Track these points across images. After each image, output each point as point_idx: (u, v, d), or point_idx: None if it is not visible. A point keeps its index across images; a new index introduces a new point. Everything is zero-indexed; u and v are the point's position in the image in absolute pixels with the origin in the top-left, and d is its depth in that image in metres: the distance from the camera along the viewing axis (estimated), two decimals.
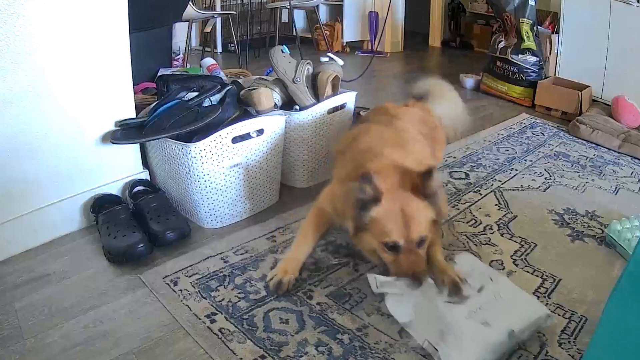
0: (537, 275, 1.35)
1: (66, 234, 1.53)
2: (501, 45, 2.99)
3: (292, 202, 1.76)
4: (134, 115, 1.61)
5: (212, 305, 1.23)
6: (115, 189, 1.62)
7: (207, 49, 4.14)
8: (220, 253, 1.44)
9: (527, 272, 1.36)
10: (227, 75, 2.29)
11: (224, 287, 1.30)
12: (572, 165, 2.07)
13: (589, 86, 2.68)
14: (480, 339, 1.00)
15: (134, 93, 1.66)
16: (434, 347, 1.03)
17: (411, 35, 4.72)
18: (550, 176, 1.96)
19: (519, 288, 1.16)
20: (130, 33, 1.53)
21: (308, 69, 1.82)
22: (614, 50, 2.65)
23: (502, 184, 1.89)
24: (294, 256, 1.30)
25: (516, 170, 2.01)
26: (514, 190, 1.84)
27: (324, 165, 1.89)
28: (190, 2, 2.89)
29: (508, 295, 1.12)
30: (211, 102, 1.65)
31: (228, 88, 1.67)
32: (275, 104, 1.77)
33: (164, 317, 1.20)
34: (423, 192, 1.10)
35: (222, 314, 1.20)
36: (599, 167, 2.07)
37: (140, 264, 1.38)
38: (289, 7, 4.04)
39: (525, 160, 2.12)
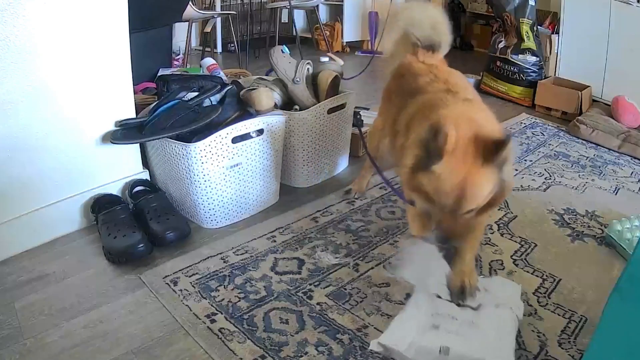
0: (537, 275, 1.35)
1: (66, 234, 1.53)
2: (501, 45, 2.99)
3: (292, 202, 1.76)
4: (134, 115, 1.61)
5: (212, 305, 1.23)
6: (115, 189, 1.62)
7: (207, 49, 4.14)
8: (220, 253, 1.44)
9: (527, 272, 1.36)
10: (227, 75, 2.29)
11: (224, 287, 1.30)
12: (572, 165, 2.07)
13: (589, 86, 2.68)
14: (415, 333, 1.05)
15: (134, 93, 1.66)
16: None
17: None
18: (550, 176, 1.96)
19: (509, 329, 1.09)
20: (130, 33, 1.53)
21: (308, 69, 1.82)
22: (614, 50, 2.65)
23: None
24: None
25: (516, 170, 2.01)
26: (514, 190, 1.84)
27: (324, 165, 1.89)
28: (190, 2, 2.89)
29: (489, 328, 1.07)
30: (211, 102, 1.65)
31: (228, 88, 1.67)
32: (275, 104, 1.77)
33: (164, 317, 1.20)
34: (493, 160, 0.97)
35: (222, 314, 1.20)
36: (599, 167, 2.07)
37: (140, 264, 1.38)
38: (289, 7, 4.04)
39: (525, 160, 2.12)
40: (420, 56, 1.49)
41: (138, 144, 1.65)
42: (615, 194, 1.84)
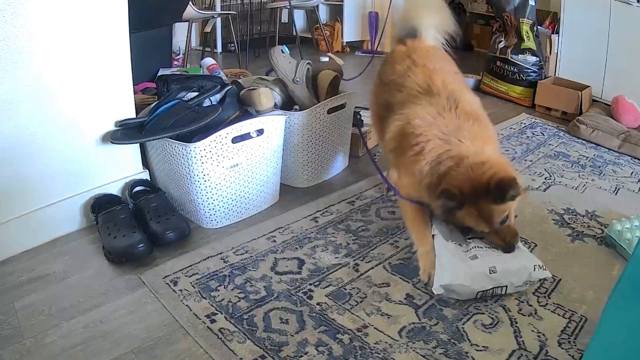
0: None
1: (66, 234, 1.53)
2: (501, 45, 2.99)
3: (292, 202, 1.76)
4: (134, 115, 1.61)
5: (212, 305, 1.23)
6: (115, 189, 1.62)
7: (207, 49, 4.14)
8: (220, 253, 1.44)
9: None
10: (227, 75, 2.29)
11: (224, 287, 1.30)
12: (572, 165, 2.07)
13: (589, 86, 2.68)
14: (463, 266, 1.20)
15: (134, 93, 1.66)
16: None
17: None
18: (550, 176, 1.96)
19: (526, 253, 1.28)
20: (130, 33, 1.53)
21: (308, 69, 1.82)
22: (614, 50, 2.65)
23: None
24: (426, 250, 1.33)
25: (516, 170, 2.00)
26: None
27: (324, 165, 1.90)
28: (190, 2, 2.89)
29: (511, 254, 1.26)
30: (211, 102, 1.66)
31: (228, 88, 1.67)
32: (275, 104, 1.77)
33: (164, 317, 1.20)
34: (502, 199, 1.16)
35: (222, 314, 1.20)
36: (599, 167, 2.07)
37: (140, 264, 1.38)
38: (289, 7, 4.04)
39: (525, 160, 2.12)
40: (408, 43, 1.57)
41: (138, 144, 1.65)
42: (615, 194, 1.84)
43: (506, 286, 1.22)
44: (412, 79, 1.41)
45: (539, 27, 2.97)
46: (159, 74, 2.27)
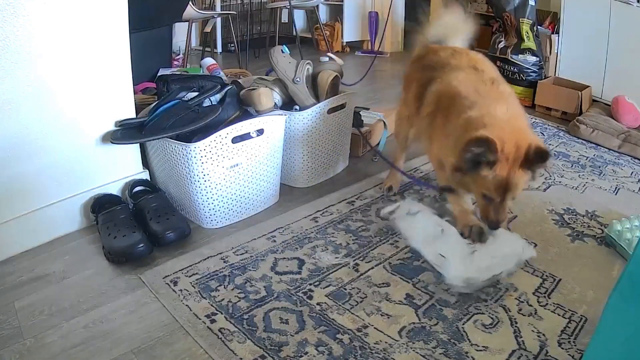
0: (537, 275, 1.35)
1: (66, 234, 1.53)
2: (501, 45, 2.98)
3: (292, 202, 1.76)
4: (134, 115, 1.61)
5: (212, 305, 1.23)
6: (115, 189, 1.62)
7: (207, 49, 4.14)
8: (220, 253, 1.44)
9: (527, 272, 1.36)
10: (227, 75, 2.29)
11: (224, 287, 1.30)
12: (572, 165, 2.07)
13: (589, 86, 2.68)
14: (469, 261, 1.24)
15: (134, 93, 1.66)
16: (443, 259, 1.27)
17: (411, 35, 4.71)
18: (550, 176, 1.96)
19: (512, 235, 1.35)
20: (130, 33, 1.53)
21: (308, 69, 1.82)
22: (614, 50, 2.65)
23: None
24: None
25: None
26: None
27: (324, 165, 1.90)
28: (190, 2, 2.89)
29: (499, 238, 1.31)
30: (211, 102, 1.66)
31: (228, 88, 1.67)
32: (275, 104, 1.77)
33: (164, 317, 1.20)
34: (531, 167, 1.19)
35: (222, 314, 1.20)
36: (599, 167, 2.07)
37: (140, 264, 1.38)
38: (289, 7, 4.04)
39: None
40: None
41: (138, 144, 1.65)
42: (615, 194, 1.84)
43: (502, 272, 1.25)
44: (457, 60, 1.46)
45: (539, 27, 2.96)
46: (159, 74, 2.27)
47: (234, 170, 1.56)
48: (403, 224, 1.43)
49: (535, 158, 1.16)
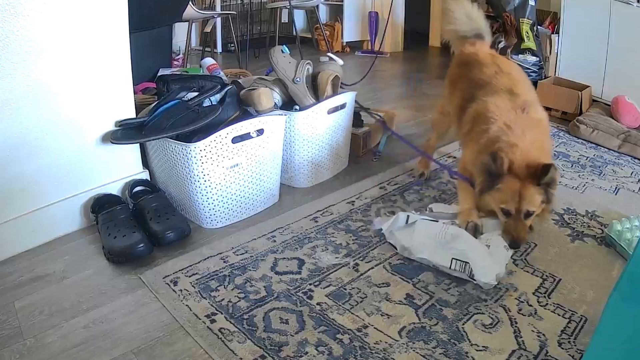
0: (537, 275, 1.35)
1: (66, 234, 1.53)
2: (501, 45, 2.99)
3: (292, 202, 1.76)
4: (134, 115, 1.61)
5: (212, 305, 1.23)
6: (115, 189, 1.62)
7: (207, 49, 4.14)
8: (220, 253, 1.44)
9: (527, 272, 1.36)
10: (227, 75, 2.29)
11: (224, 287, 1.30)
12: (572, 165, 2.07)
13: (589, 86, 2.68)
14: (495, 257, 1.30)
15: (134, 93, 1.66)
16: (463, 262, 1.29)
17: (411, 35, 4.72)
18: None
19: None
20: (130, 33, 1.53)
21: (308, 69, 1.82)
22: (614, 50, 2.65)
23: None
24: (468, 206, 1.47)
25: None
26: None
27: (324, 165, 1.90)
28: (190, 2, 2.89)
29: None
30: (211, 102, 1.66)
31: (228, 88, 1.67)
32: (275, 104, 1.77)
33: (164, 317, 1.20)
34: (539, 182, 1.31)
35: (222, 314, 1.20)
36: (599, 167, 2.07)
37: (140, 264, 1.38)
38: (289, 7, 4.04)
39: None
40: (473, 45, 1.78)
41: (138, 144, 1.65)
42: (615, 194, 1.84)
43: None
44: (497, 81, 1.59)
45: (539, 27, 2.97)
46: (159, 74, 2.27)
47: (234, 170, 1.56)
48: (402, 235, 1.42)
49: (541, 172, 1.30)
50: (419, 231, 1.39)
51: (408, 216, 1.44)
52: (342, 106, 1.88)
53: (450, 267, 1.31)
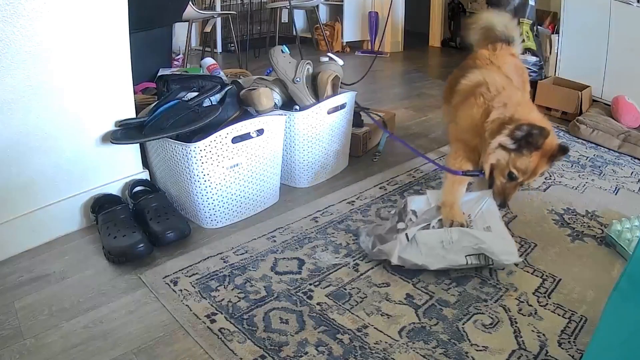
0: (537, 275, 1.35)
1: (66, 234, 1.53)
2: None
3: (292, 202, 1.76)
4: (134, 115, 1.61)
5: (212, 305, 1.23)
6: (115, 189, 1.62)
7: (207, 49, 4.14)
8: (220, 253, 1.44)
9: (527, 272, 1.36)
10: (227, 75, 2.29)
11: (224, 287, 1.30)
12: (572, 165, 2.07)
13: (589, 86, 2.68)
14: (504, 235, 1.34)
15: (134, 93, 1.66)
16: (477, 255, 1.29)
17: (411, 35, 4.73)
18: (550, 176, 1.96)
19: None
20: (130, 33, 1.53)
21: (308, 69, 1.82)
22: (614, 50, 2.65)
23: None
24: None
25: None
26: None
27: (324, 165, 1.90)
28: (190, 2, 2.89)
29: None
30: (211, 102, 1.66)
31: (228, 88, 1.67)
32: (275, 104, 1.77)
33: (164, 317, 1.20)
34: (552, 159, 1.38)
35: (222, 314, 1.20)
36: (599, 167, 2.07)
37: (140, 264, 1.38)
38: (289, 7, 4.04)
39: None
40: (498, 47, 1.82)
41: (138, 144, 1.65)
42: (615, 194, 1.84)
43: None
44: (488, 68, 1.66)
45: (539, 27, 2.97)
46: (159, 74, 2.27)
47: (234, 170, 1.56)
48: (410, 256, 1.33)
49: (558, 152, 1.37)
50: (424, 245, 1.33)
51: (407, 234, 1.33)
52: (342, 106, 1.88)
53: (467, 264, 1.30)
